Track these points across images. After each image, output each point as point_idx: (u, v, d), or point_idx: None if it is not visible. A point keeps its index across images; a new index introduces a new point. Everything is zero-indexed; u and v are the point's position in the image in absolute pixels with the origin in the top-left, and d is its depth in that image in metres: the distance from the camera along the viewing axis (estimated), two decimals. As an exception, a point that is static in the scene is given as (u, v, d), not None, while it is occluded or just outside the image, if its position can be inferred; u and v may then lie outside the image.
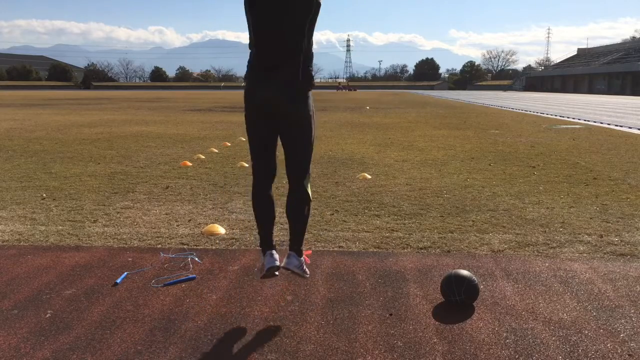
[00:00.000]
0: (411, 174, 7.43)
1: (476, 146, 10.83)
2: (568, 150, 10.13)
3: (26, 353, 2.56)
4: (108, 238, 4.43)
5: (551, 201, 5.76)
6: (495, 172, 7.64)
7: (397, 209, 5.40)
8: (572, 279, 3.52)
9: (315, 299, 3.20)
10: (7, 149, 10.27)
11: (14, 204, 5.61)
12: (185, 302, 3.15)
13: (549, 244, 4.27)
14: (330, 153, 9.68)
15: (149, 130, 14.43)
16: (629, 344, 2.65)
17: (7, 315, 2.95)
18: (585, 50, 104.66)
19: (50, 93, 70.84)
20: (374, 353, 2.57)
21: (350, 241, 4.34)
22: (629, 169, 7.88)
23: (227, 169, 7.92)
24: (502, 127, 15.81)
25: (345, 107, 29.00)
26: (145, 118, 19.77)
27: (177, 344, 2.66)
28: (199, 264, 3.78)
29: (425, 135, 13.27)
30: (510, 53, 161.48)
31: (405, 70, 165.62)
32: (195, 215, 5.17)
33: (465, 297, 3.04)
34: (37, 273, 3.60)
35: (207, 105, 32.10)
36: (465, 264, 3.78)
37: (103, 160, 8.77)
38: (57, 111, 24.55)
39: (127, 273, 3.59)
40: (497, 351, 2.58)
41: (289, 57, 2.85)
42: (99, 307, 3.06)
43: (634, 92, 65.53)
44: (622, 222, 4.92)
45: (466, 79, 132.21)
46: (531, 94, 69.09)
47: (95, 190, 6.37)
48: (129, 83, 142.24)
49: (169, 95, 56.39)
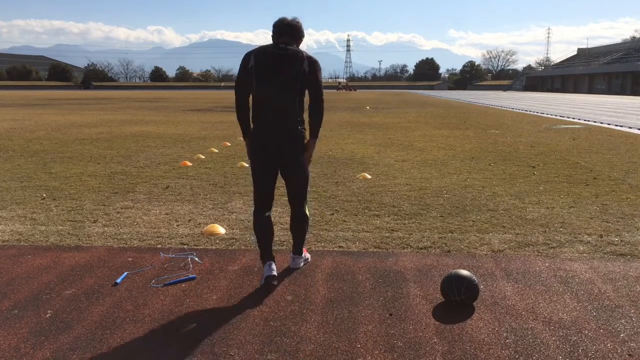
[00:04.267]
0: (411, 174, 7.43)
1: (476, 146, 10.83)
2: (568, 150, 10.13)
3: (26, 353, 2.56)
4: (108, 238, 4.43)
5: (551, 201, 5.76)
6: (495, 172, 7.64)
7: (397, 209, 5.40)
8: (572, 279, 3.52)
9: (315, 299, 3.20)
10: (7, 149, 10.27)
11: (14, 204, 5.61)
12: (185, 302, 3.15)
13: (549, 244, 4.27)
14: (330, 153, 9.68)
15: (149, 130, 14.43)
16: (629, 344, 2.65)
17: (7, 315, 2.96)
18: (585, 50, 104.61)
19: (50, 93, 70.86)
20: (374, 353, 2.57)
21: (350, 241, 4.34)
22: (629, 169, 7.88)
23: (227, 169, 7.92)
24: (502, 127, 15.81)
25: (345, 107, 29.00)
26: (145, 118, 19.77)
27: (177, 344, 2.66)
28: (199, 264, 3.78)
29: (425, 135, 13.27)
30: (510, 53, 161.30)
31: (405, 70, 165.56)
32: (195, 215, 5.17)
33: (465, 297, 3.04)
34: (37, 273, 3.60)
35: (207, 105, 32.10)
36: (465, 264, 3.78)
37: (103, 160, 8.78)
38: (57, 111, 24.56)
39: (127, 273, 3.59)
40: (497, 351, 2.58)
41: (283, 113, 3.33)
42: (99, 307, 3.06)
43: (634, 92, 65.52)
44: (622, 222, 4.92)
45: (466, 79, 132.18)
46: (531, 94, 69.11)
47: (95, 190, 6.37)
48: (129, 83, 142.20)
49: (169, 95, 56.41)
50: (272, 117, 3.32)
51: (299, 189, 3.54)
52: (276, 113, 3.31)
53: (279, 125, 3.32)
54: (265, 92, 3.28)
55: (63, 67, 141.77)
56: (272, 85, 3.27)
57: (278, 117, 3.31)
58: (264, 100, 3.31)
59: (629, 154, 9.68)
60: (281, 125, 3.32)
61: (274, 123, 3.32)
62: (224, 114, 22.41)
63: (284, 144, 3.35)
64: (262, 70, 3.25)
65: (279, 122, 3.32)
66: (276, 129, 3.33)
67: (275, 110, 3.31)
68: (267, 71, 3.25)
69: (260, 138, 3.36)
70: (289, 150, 3.37)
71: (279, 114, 3.31)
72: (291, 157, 3.40)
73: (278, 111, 3.31)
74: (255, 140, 3.39)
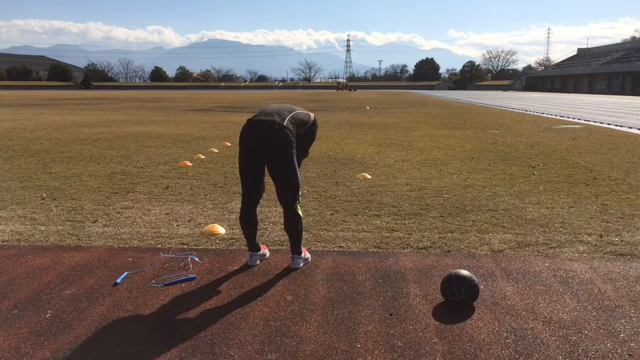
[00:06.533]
0: (411, 174, 7.43)
1: (476, 146, 10.83)
2: (568, 150, 10.13)
3: (26, 353, 2.56)
4: (108, 238, 4.43)
5: (551, 201, 5.76)
6: (495, 172, 7.64)
7: (397, 209, 5.41)
8: (572, 279, 3.52)
9: (315, 299, 3.20)
10: (7, 149, 10.27)
11: (14, 204, 5.61)
12: (185, 302, 3.15)
13: (549, 244, 4.27)
14: (330, 153, 9.68)
15: (149, 130, 14.43)
16: (629, 344, 2.65)
17: (7, 315, 2.96)
18: (585, 50, 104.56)
19: (50, 93, 70.85)
20: (374, 353, 2.57)
21: (350, 241, 4.34)
22: (629, 169, 7.88)
23: (227, 169, 7.92)
24: (502, 127, 15.81)
25: (345, 107, 29.00)
26: (145, 118, 19.77)
27: (177, 344, 2.66)
28: (199, 264, 3.78)
29: (425, 135, 13.27)
30: (510, 53, 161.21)
31: (405, 70, 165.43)
32: (195, 215, 5.17)
33: (465, 297, 3.04)
34: (37, 273, 3.60)
35: (207, 105, 32.10)
36: (465, 264, 3.78)
37: (103, 160, 8.78)
38: (57, 111, 24.56)
39: (127, 273, 3.59)
40: (497, 351, 2.58)
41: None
42: (99, 307, 3.06)
43: (634, 92, 65.49)
44: (622, 222, 4.92)
45: (466, 79, 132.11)
46: (531, 94, 69.10)
47: (95, 190, 6.37)
48: (129, 83, 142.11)
49: (169, 95, 56.40)
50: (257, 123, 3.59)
51: (286, 189, 3.61)
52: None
53: (263, 125, 3.50)
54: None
55: (63, 67, 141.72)
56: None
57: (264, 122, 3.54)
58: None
59: (629, 154, 9.68)
60: (266, 126, 3.50)
61: (259, 124, 3.52)
62: (224, 114, 22.41)
63: (269, 144, 3.48)
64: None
65: (264, 123, 3.51)
66: (261, 129, 3.50)
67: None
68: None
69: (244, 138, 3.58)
70: (273, 150, 3.51)
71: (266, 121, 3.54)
72: (276, 156, 3.50)
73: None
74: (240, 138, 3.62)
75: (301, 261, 3.77)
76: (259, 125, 3.51)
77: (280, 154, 3.49)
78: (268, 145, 3.47)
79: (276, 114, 3.55)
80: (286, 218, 3.69)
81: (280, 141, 3.47)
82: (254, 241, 3.82)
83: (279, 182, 3.60)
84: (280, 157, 3.49)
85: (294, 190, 3.62)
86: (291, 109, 3.69)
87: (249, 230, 3.77)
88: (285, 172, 3.54)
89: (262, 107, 3.76)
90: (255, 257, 3.83)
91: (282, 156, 3.49)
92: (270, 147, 3.47)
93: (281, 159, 3.50)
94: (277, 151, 3.48)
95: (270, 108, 3.63)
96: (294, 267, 3.73)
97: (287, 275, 3.58)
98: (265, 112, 3.58)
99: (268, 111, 3.58)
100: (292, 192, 3.62)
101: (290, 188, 3.60)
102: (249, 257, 3.82)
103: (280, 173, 3.54)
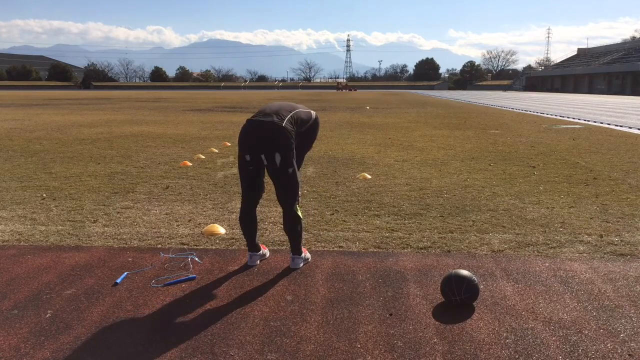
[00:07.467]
0: (411, 174, 7.43)
1: (476, 146, 10.83)
2: (568, 150, 10.13)
3: (26, 353, 2.56)
4: (108, 238, 4.43)
5: (551, 201, 5.76)
6: (495, 172, 7.64)
7: (397, 209, 5.41)
8: (572, 279, 3.52)
9: (315, 299, 3.20)
10: (7, 149, 10.27)
11: (14, 204, 5.61)
12: (185, 302, 3.15)
13: (549, 244, 4.27)
14: (330, 153, 9.68)
15: (149, 130, 14.43)
16: (629, 344, 2.65)
17: (7, 315, 2.96)
18: (585, 50, 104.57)
19: (50, 93, 70.85)
20: (374, 353, 2.57)
21: (350, 241, 4.34)
22: (629, 169, 7.88)
23: (226, 170, 7.92)
24: (502, 127, 15.81)
25: (345, 107, 29.00)
26: (145, 118, 19.77)
27: (177, 344, 2.66)
28: (199, 264, 3.78)
29: (425, 135, 13.27)
30: (510, 53, 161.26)
31: (405, 70, 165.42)
32: (195, 215, 5.17)
33: (465, 297, 3.04)
34: (37, 273, 3.60)
35: (207, 105, 32.10)
36: (465, 264, 3.78)
37: (103, 160, 8.78)
38: (57, 111, 24.56)
39: (127, 273, 3.59)
40: (497, 351, 2.58)
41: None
42: (99, 307, 3.06)
43: (634, 92, 65.49)
44: (622, 222, 4.92)
45: (466, 79, 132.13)
46: (531, 94, 69.10)
47: (95, 190, 6.37)
48: (129, 83, 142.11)
49: (169, 95, 56.40)
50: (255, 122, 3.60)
51: (285, 190, 3.61)
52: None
53: (262, 125, 3.52)
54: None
55: (63, 67, 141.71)
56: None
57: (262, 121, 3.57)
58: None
59: (629, 154, 9.68)
60: (265, 126, 3.52)
61: (258, 124, 3.54)
62: (224, 114, 22.41)
63: (267, 145, 3.49)
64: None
65: (263, 123, 3.53)
66: (259, 129, 3.52)
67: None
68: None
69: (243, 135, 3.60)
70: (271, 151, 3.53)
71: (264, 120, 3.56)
72: (275, 157, 3.50)
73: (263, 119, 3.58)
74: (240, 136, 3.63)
75: (301, 261, 3.77)
76: (258, 126, 3.50)
77: (279, 154, 3.48)
78: (267, 145, 3.47)
79: (275, 115, 3.54)
80: (285, 219, 3.70)
81: (278, 141, 3.46)
82: (254, 241, 3.82)
83: (277, 182, 3.59)
84: (279, 157, 3.49)
85: (293, 191, 3.61)
86: (292, 108, 3.67)
87: (249, 231, 3.78)
88: (284, 173, 3.53)
89: (262, 106, 3.76)
90: (255, 257, 3.83)
91: (281, 157, 3.49)
92: (269, 148, 3.47)
93: (280, 159, 3.49)
94: (276, 152, 3.48)
95: (270, 108, 3.62)
96: (294, 267, 3.73)
97: (287, 276, 3.59)
98: (265, 112, 3.57)
99: (267, 111, 3.58)
100: (291, 192, 3.61)
101: (289, 189, 3.59)
102: (249, 257, 3.82)
103: (279, 174, 3.54)
